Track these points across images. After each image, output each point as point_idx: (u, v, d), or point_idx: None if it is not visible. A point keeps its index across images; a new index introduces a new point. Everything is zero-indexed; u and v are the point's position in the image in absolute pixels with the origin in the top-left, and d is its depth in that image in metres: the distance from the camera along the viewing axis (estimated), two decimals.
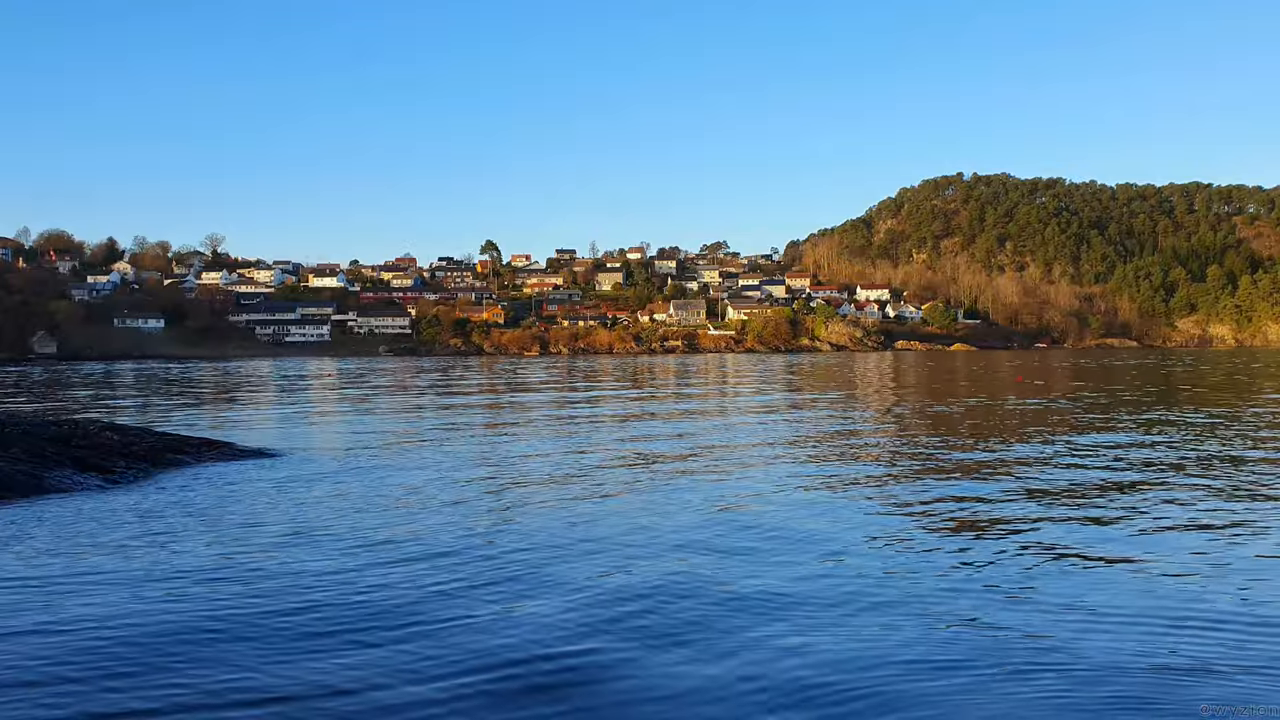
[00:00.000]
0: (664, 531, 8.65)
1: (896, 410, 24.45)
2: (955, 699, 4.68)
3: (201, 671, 5.12)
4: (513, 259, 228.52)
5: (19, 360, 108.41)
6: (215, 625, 5.92)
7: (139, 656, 5.36)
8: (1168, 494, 10.53)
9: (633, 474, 12.50)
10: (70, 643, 5.59)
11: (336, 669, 5.16)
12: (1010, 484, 11.39)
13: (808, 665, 5.16)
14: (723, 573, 7.12)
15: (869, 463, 13.55)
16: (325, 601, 6.42)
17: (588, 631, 5.75)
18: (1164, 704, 4.59)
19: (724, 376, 51.95)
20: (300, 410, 26.65)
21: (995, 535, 8.43)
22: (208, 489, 11.16)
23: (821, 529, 8.75)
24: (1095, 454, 14.15)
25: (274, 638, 5.67)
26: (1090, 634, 5.62)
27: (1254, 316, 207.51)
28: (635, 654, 5.36)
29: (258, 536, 8.50)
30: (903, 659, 5.23)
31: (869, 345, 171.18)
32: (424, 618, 6.04)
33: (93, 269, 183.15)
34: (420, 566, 7.36)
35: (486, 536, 8.45)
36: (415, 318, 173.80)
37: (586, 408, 26.36)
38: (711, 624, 5.88)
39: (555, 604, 6.31)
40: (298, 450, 14.95)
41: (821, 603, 6.33)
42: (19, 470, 11.24)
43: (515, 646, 5.47)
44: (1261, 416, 20.51)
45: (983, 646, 5.42)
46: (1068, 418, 20.89)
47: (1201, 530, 8.55)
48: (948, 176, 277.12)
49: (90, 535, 8.56)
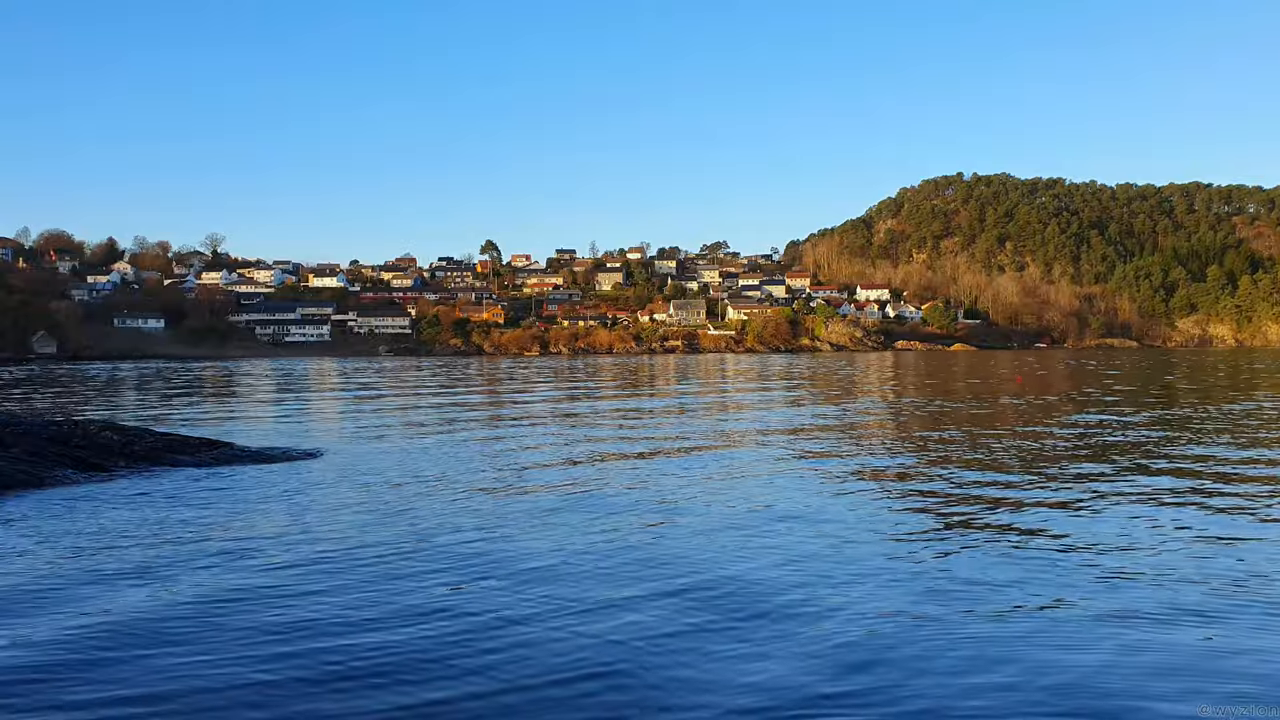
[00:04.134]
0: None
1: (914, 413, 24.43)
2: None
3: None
4: (513, 259, 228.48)
5: (19, 360, 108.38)
6: (210, 628, 5.93)
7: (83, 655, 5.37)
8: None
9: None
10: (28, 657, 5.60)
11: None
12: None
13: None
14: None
15: (888, 474, 13.55)
16: (307, 615, 6.43)
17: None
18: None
19: (724, 377, 51.91)
20: (300, 410, 26.64)
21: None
22: (208, 489, 11.15)
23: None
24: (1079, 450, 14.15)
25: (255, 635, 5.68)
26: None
27: (1254, 316, 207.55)
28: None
29: (258, 536, 8.50)
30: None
31: (869, 345, 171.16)
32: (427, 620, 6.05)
33: (93, 269, 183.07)
34: (418, 567, 7.38)
35: (504, 538, 8.46)
36: (415, 318, 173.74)
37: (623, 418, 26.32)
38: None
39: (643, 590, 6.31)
40: (298, 450, 14.94)
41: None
42: (19, 470, 11.24)
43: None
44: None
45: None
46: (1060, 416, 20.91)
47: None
48: (948, 176, 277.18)
49: (89, 535, 8.56)
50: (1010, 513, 9.51)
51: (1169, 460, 13.38)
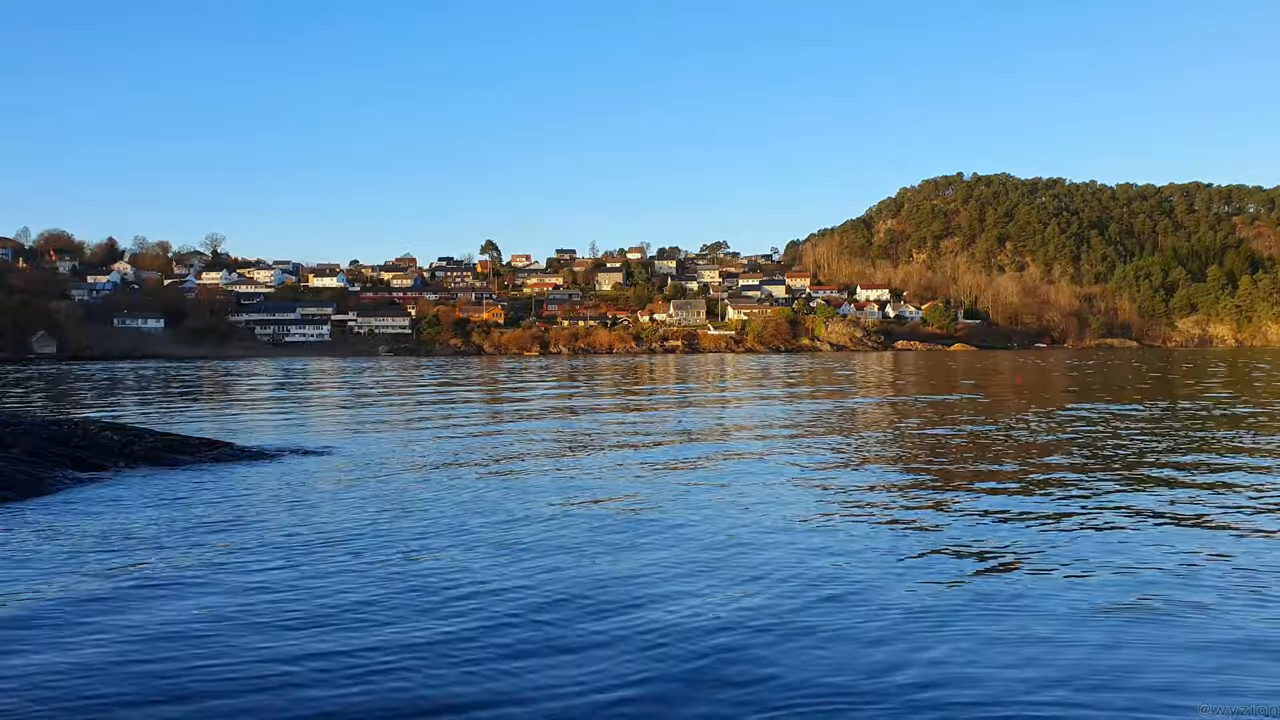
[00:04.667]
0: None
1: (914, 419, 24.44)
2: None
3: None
4: (513, 259, 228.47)
5: (19, 360, 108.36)
6: (211, 628, 5.93)
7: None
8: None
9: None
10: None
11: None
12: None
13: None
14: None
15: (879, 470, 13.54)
16: (309, 610, 6.42)
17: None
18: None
19: (724, 378, 51.90)
20: (300, 410, 26.63)
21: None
22: (208, 489, 11.14)
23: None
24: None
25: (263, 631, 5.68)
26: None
27: (1254, 316, 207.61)
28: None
29: (258, 535, 8.49)
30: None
31: (869, 345, 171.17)
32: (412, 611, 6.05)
33: (93, 269, 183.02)
34: (421, 565, 7.37)
35: (508, 539, 8.46)
36: (415, 318, 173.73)
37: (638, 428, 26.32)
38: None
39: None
40: (298, 450, 14.93)
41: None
42: (19, 470, 11.23)
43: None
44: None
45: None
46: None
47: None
48: (948, 176, 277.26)
49: (89, 536, 8.55)
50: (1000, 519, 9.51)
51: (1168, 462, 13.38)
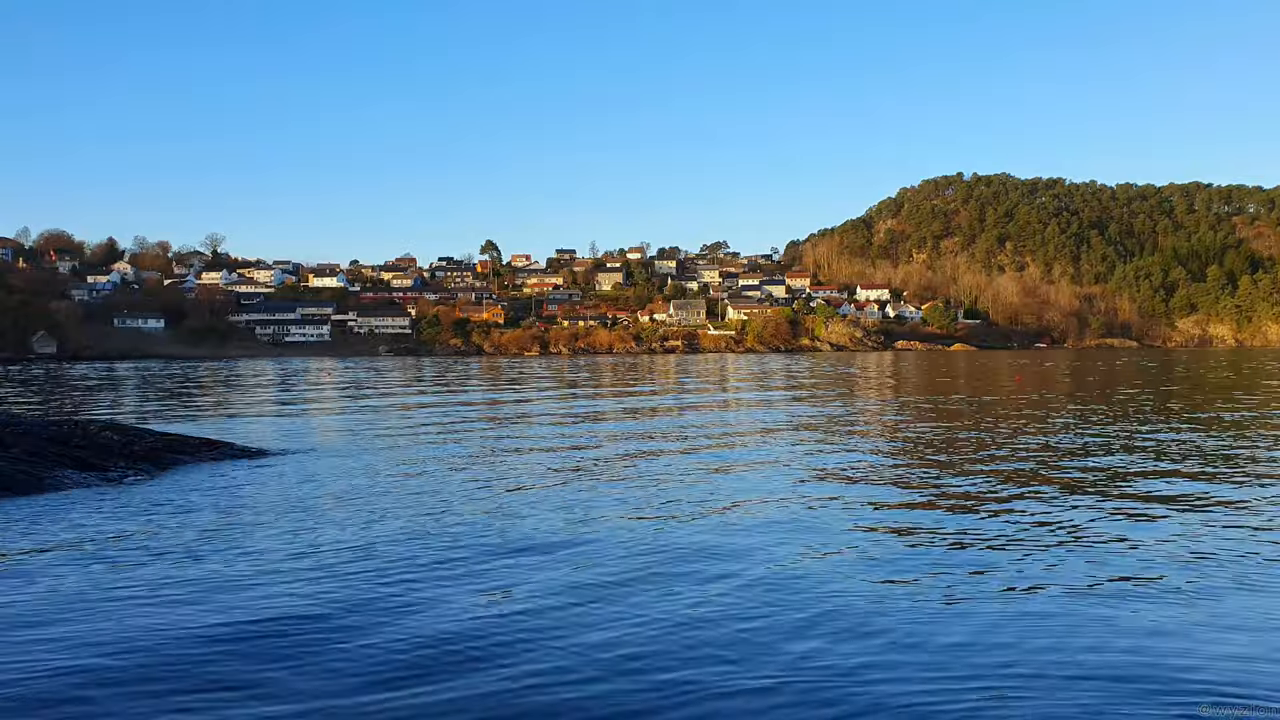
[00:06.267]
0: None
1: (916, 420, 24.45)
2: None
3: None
4: (513, 259, 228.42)
5: (19, 360, 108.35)
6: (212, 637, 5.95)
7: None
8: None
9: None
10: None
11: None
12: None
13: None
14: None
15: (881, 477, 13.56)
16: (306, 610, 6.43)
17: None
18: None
19: (725, 378, 51.91)
20: (300, 410, 26.65)
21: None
22: (208, 489, 11.16)
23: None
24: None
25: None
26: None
27: (1254, 316, 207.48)
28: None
29: (258, 535, 8.51)
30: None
31: (869, 345, 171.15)
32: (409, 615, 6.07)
33: (93, 269, 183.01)
34: (420, 563, 7.39)
35: (494, 529, 8.48)
36: (415, 318, 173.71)
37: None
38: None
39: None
40: (298, 450, 14.96)
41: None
42: (19, 470, 11.25)
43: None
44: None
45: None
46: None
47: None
48: (948, 176, 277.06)
49: (90, 537, 8.57)
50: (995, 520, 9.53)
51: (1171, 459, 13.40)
